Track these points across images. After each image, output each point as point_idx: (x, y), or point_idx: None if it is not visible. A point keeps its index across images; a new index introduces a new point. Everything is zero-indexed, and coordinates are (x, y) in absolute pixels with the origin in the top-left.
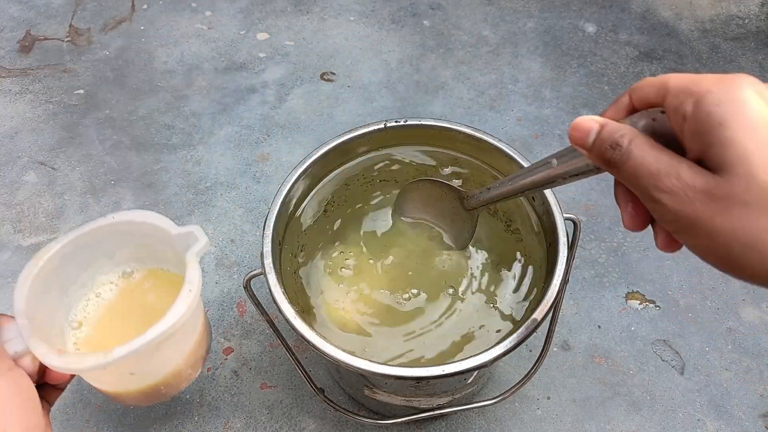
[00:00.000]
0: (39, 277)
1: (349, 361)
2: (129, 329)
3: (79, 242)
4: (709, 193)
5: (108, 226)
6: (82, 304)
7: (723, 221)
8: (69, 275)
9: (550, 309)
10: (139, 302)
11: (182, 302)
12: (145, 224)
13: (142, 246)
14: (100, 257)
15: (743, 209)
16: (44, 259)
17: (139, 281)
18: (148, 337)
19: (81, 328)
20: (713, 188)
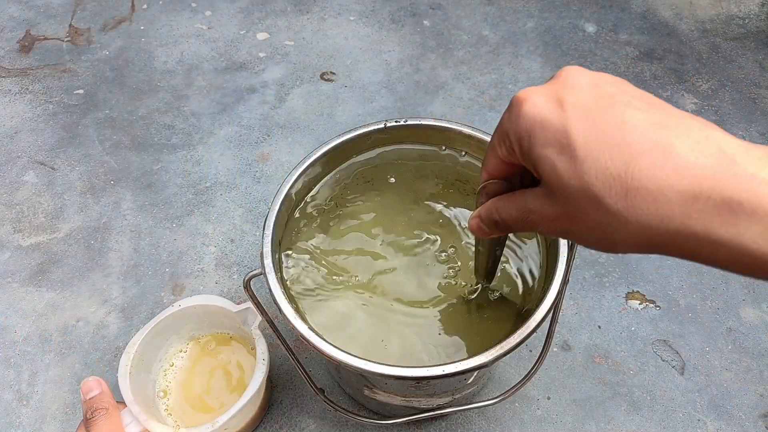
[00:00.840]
0: (132, 366)
1: (349, 361)
2: (205, 389)
3: (155, 330)
4: (559, 215)
5: (176, 312)
6: (162, 375)
7: (574, 227)
8: (150, 356)
9: (550, 309)
10: (207, 364)
11: (260, 372)
12: (208, 306)
13: (204, 320)
14: (171, 335)
15: (581, 221)
16: (132, 351)
17: (204, 344)
18: (241, 402)
19: (167, 396)
20: (558, 211)
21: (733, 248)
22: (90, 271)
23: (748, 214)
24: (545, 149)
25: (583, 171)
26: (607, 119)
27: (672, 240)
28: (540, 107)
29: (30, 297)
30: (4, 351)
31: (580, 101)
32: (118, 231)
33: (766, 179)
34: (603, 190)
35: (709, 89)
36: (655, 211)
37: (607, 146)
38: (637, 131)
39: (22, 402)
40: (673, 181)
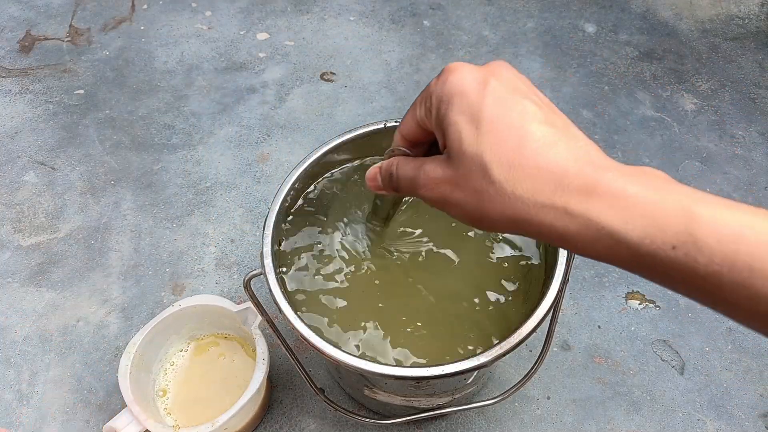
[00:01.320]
0: (132, 366)
1: (349, 361)
2: (205, 388)
3: (155, 330)
4: (446, 179)
5: (176, 312)
6: (162, 374)
7: (454, 193)
8: (150, 356)
9: (550, 309)
10: (207, 363)
11: (260, 372)
12: (208, 305)
13: (204, 319)
14: (171, 335)
15: (464, 186)
16: (132, 351)
17: (204, 344)
18: (241, 402)
19: (166, 395)
20: (448, 174)
21: (582, 221)
22: (90, 271)
23: (600, 194)
24: (458, 116)
25: (482, 140)
26: (516, 107)
27: (536, 213)
28: (465, 80)
29: (30, 297)
30: (4, 351)
31: (499, 87)
32: (118, 231)
33: (618, 176)
34: (493, 161)
35: (709, 89)
36: (530, 186)
37: (508, 127)
38: (535, 122)
39: (22, 402)
40: (551, 166)
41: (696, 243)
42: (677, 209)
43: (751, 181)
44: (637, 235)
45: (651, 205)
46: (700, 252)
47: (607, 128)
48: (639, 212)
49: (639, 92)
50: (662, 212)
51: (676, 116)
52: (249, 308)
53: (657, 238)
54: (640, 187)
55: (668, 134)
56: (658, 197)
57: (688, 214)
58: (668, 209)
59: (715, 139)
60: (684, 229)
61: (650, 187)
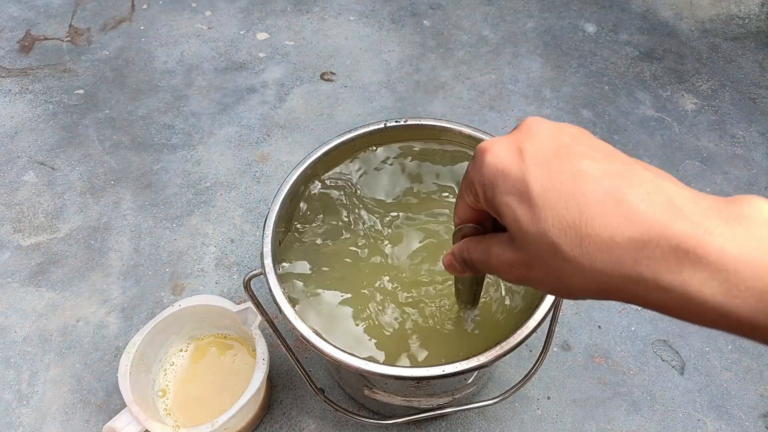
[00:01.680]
0: (132, 366)
1: (349, 361)
2: (205, 388)
3: (155, 330)
4: (518, 262)
5: (176, 312)
6: (162, 374)
7: (532, 273)
8: (150, 356)
9: (550, 309)
10: (207, 364)
11: (260, 372)
12: (208, 305)
13: (204, 319)
14: (171, 335)
15: (539, 267)
16: (132, 351)
17: (204, 344)
18: (241, 402)
19: (166, 395)
20: (518, 257)
21: (680, 295)
22: (90, 271)
23: (693, 261)
24: (506, 197)
25: (540, 218)
26: (564, 169)
27: (624, 285)
28: (501, 157)
29: (30, 297)
30: (4, 351)
31: (539, 151)
32: (118, 231)
33: (710, 229)
34: (559, 237)
35: (709, 89)
36: (607, 258)
37: (563, 195)
38: (591, 181)
39: (22, 402)
40: (623, 228)
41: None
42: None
43: (752, 181)
44: (749, 310)
45: (760, 272)
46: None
47: (607, 128)
48: (746, 283)
49: (639, 92)
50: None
51: (676, 116)
52: (249, 308)
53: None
54: (742, 245)
55: (668, 134)
56: (766, 257)
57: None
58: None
59: (715, 139)
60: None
61: (755, 240)
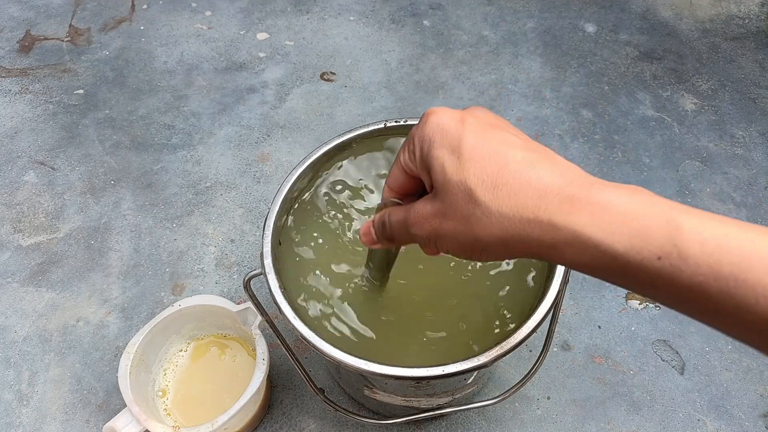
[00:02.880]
0: (132, 366)
1: (349, 361)
2: (205, 388)
3: (155, 330)
4: (435, 212)
5: (176, 312)
6: (162, 375)
7: (444, 223)
8: (150, 356)
9: (550, 309)
10: (208, 364)
11: (260, 372)
12: (208, 305)
13: (204, 319)
14: (171, 335)
15: (452, 215)
16: (132, 351)
17: (204, 344)
18: (241, 402)
19: (166, 396)
20: (436, 207)
21: (569, 232)
22: (90, 271)
23: (582, 205)
24: (439, 150)
25: (464, 168)
26: (495, 136)
27: (523, 228)
28: (444, 119)
29: (30, 297)
30: (4, 351)
31: (476, 123)
32: (118, 231)
33: (600, 188)
34: (476, 184)
35: (709, 89)
36: (513, 203)
37: (489, 153)
38: (515, 148)
39: (22, 402)
40: (533, 182)
41: (680, 253)
42: (661, 220)
43: (751, 181)
44: (622, 246)
45: (635, 216)
46: (685, 262)
47: (607, 128)
48: (623, 223)
49: (639, 92)
50: (646, 223)
51: (676, 116)
52: (249, 308)
53: (642, 249)
54: (624, 199)
55: (668, 134)
56: (642, 209)
57: (673, 224)
58: (652, 220)
59: (715, 139)
60: (668, 240)
61: (634, 198)
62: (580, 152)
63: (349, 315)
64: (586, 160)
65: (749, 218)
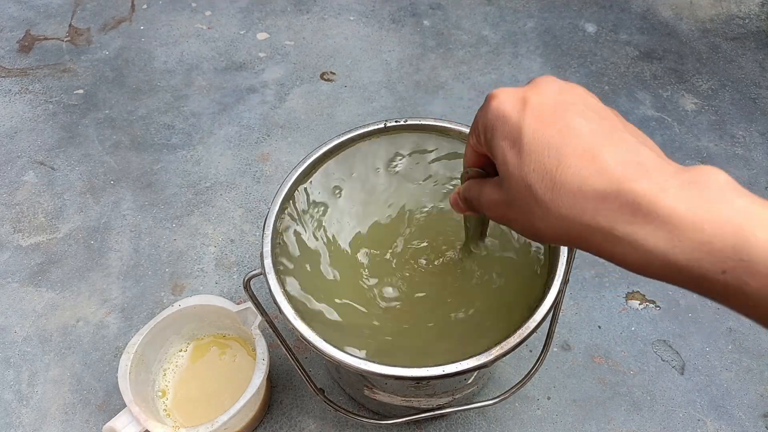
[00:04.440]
0: (132, 366)
1: (349, 361)
2: (205, 388)
3: (155, 330)
4: (501, 200)
5: (176, 312)
6: (162, 375)
7: (510, 213)
8: (150, 356)
9: (550, 309)
10: (208, 364)
11: (260, 372)
12: (208, 305)
13: (204, 319)
14: (171, 335)
15: (516, 207)
16: (132, 351)
17: (204, 344)
18: (241, 402)
19: (166, 396)
20: (502, 197)
21: (629, 243)
22: (90, 271)
23: (645, 214)
24: (501, 141)
25: (524, 163)
26: (557, 122)
27: (583, 232)
28: (505, 104)
29: (30, 297)
30: (4, 351)
31: (539, 104)
32: (118, 231)
33: (666, 188)
34: (536, 182)
35: (709, 89)
36: (572, 205)
37: (548, 145)
38: (576, 136)
39: (22, 402)
40: (591, 181)
41: (747, 268)
42: (728, 231)
43: (752, 181)
44: (685, 259)
45: (700, 227)
46: (752, 277)
47: None
48: (687, 235)
49: (639, 92)
50: (712, 234)
51: (676, 116)
52: (249, 308)
53: (706, 262)
54: (690, 203)
55: (668, 134)
56: (708, 216)
57: (740, 236)
58: (718, 231)
59: (715, 139)
60: (734, 253)
61: (702, 201)
62: None
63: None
64: None
65: None
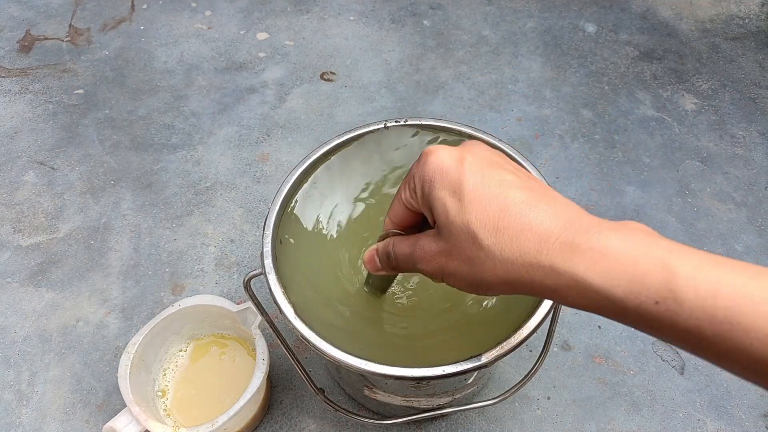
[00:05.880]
0: (132, 366)
1: (349, 361)
2: (205, 388)
3: (155, 330)
4: (440, 251)
5: (176, 312)
6: (162, 375)
7: (450, 262)
8: (150, 356)
9: (550, 309)
10: (208, 364)
11: (260, 372)
12: (208, 305)
13: (204, 319)
14: (171, 335)
15: (457, 256)
16: (132, 351)
17: (204, 344)
18: (241, 402)
19: (166, 396)
20: (440, 247)
21: (569, 277)
22: (90, 271)
23: (583, 251)
24: (441, 191)
25: (466, 210)
26: (494, 176)
27: (525, 272)
28: (443, 159)
29: (30, 297)
30: (4, 351)
31: (475, 161)
32: (118, 231)
33: (599, 231)
34: (479, 228)
35: (709, 89)
36: (515, 247)
37: (489, 195)
38: (514, 188)
39: (22, 402)
40: (533, 225)
41: (676, 299)
42: (657, 266)
43: (751, 181)
44: (621, 291)
45: (632, 262)
46: (681, 307)
47: (607, 128)
48: (621, 269)
49: (639, 92)
50: (643, 269)
51: (676, 116)
52: (249, 308)
53: (640, 294)
54: (620, 243)
55: (668, 134)
56: (638, 252)
57: (668, 269)
58: (649, 265)
59: (715, 139)
60: (664, 285)
61: (631, 242)
62: (581, 152)
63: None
64: (586, 160)
65: (749, 218)
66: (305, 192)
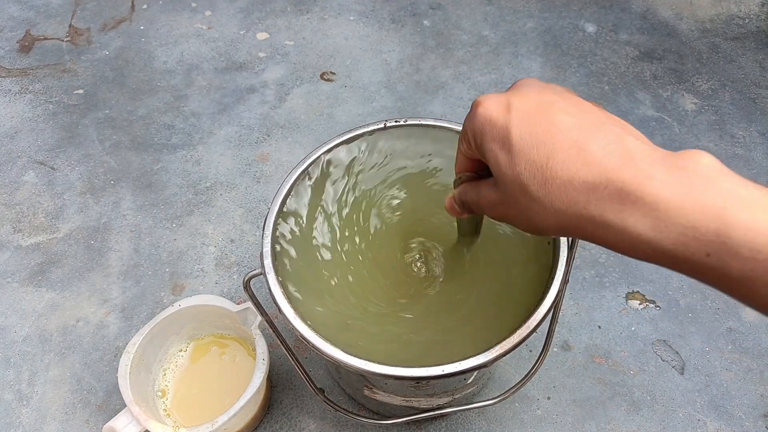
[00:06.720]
0: (132, 366)
1: (349, 361)
2: (205, 388)
3: (155, 330)
4: (498, 200)
5: (176, 312)
6: (162, 375)
7: (509, 211)
8: (150, 356)
9: (550, 309)
10: (207, 364)
11: (260, 372)
12: (208, 305)
13: (204, 319)
14: (171, 335)
15: (513, 205)
16: (132, 351)
17: (204, 344)
18: (241, 402)
19: (166, 396)
20: (499, 197)
21: (618, 230)
22: (90, 271)
23: (632, 202)
24: (491, 144)
25: (515, 163)
26: (541, 121)
27: (577, 223)
28: (490, 109)
29: (30, 297)
30: (4, 351)
31: (523, 106)
32: (118, 231)
33: (652, 175)
34: (528, 179)
35: (709, 89)
36: (565, 198)
37: (536, 143)
38: (562, 132)
39: (22, 402)
40: (580, 173)
41: (729, 251)
42: (709, 216)
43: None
44: (671, 243)
45: (685, 212)
46: (734, 259)
47: None
48: (672, 220)
49: (639, 92)
50: (696, 219)
51: (676, 116)
52: (249, 308)
53: (691, 246)
54: (674, 189)
55: (668, 134)
56: (691, 200)
57: (723, 220)
58: (702, 216)
59: (715, 139)
60: (717, 237)
61: (686, 186)
62: None
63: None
64: None
65: None
66: (305, 191)
